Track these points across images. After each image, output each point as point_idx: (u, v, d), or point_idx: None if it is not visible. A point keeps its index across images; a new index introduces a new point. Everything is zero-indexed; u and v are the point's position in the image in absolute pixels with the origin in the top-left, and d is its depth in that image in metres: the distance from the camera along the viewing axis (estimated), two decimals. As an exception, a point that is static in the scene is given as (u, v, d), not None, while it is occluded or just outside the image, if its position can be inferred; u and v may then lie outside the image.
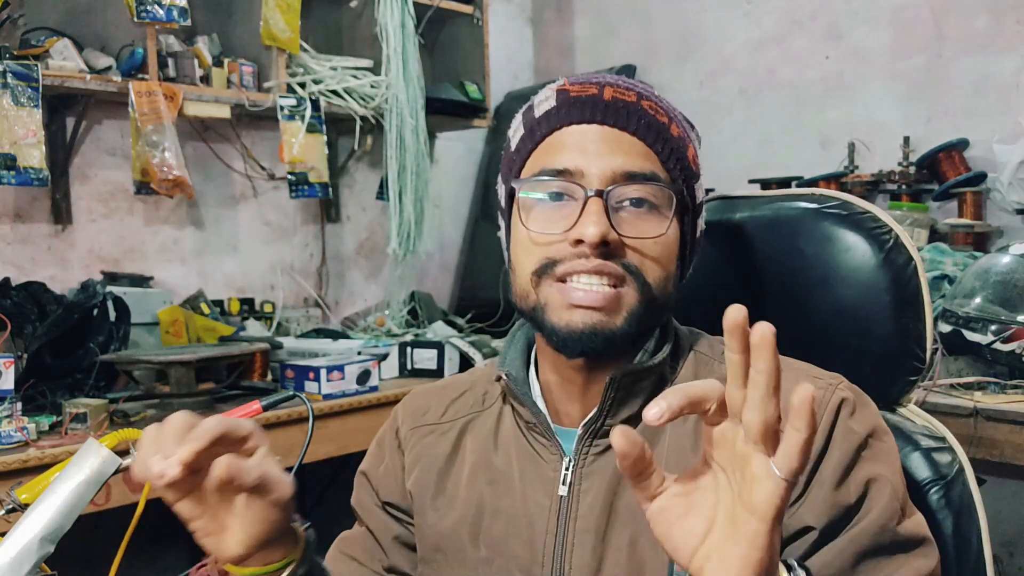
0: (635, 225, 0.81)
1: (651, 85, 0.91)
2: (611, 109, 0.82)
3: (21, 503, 0.87)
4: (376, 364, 2.35)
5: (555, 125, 0.83)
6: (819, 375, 0.84)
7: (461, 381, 1.00)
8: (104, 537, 2.43)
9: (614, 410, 0.84)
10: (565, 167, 0.81)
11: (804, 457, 0.58)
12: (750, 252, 1.04)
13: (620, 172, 0.80)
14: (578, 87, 0.84)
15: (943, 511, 0.91)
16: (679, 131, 0.85)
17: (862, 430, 0.80)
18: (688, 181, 0.85)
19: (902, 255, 0.97)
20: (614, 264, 0.80)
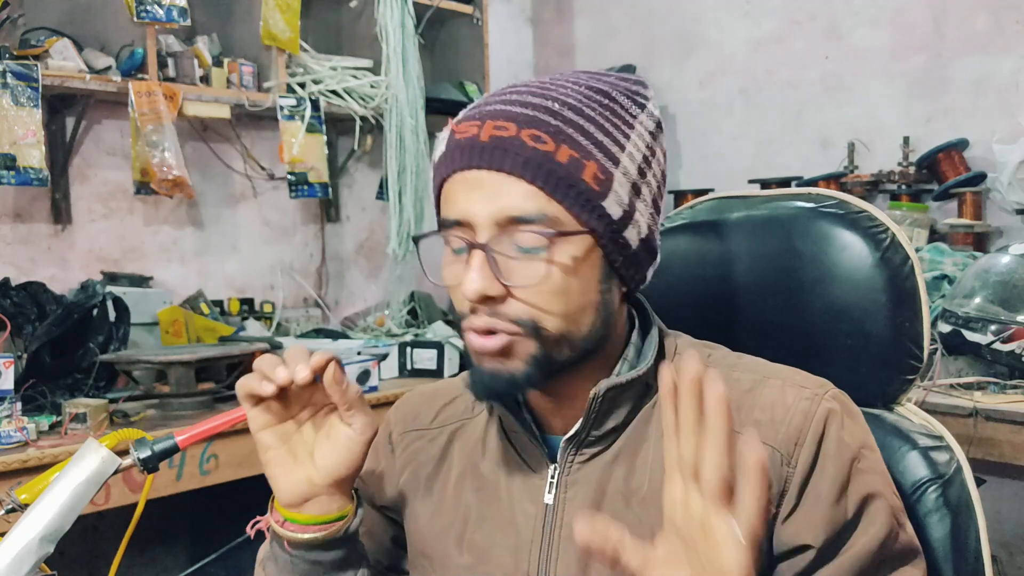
0: (520, 273, 0.77)
1: (624, 76, 0.86)
2: (487, 151, 0.77)
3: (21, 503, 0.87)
4: (376, 364, 2.35)
5: (444, 173, 0.81)
6: (805, 383, 0.83)
7: (452, 386, 0.99)
8: (104, 537, 2.44)
9: (599, 421, 0.83)
10: (456, 217, 0.79)
11: (764, 521, 0.60)
12: (746, 252, 1.03)
13: (503, 217, 0.77)
14: (464, 125, 0.80)
15: (941, 510, 0.91)
16: (570, 153, 0.77)
17: (854, 443, 0.80)
18: (590, 203, 0.77)
19: (899, 254, 0.97)
20: (503, 322, 0.78)
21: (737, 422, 0.78)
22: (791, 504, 0.78)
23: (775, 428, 0.79)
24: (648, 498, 0.81)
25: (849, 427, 0.81)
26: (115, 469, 0.86)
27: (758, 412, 0.81)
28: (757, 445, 0.59)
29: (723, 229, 1.05)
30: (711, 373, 0.62)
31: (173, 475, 1.89)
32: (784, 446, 0.78)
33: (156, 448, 0.87)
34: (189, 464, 1.91)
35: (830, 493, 0.77)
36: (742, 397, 0.82)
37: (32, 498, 0.85)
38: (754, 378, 0.84)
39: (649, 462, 0.83)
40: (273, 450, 0.84)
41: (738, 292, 1.03)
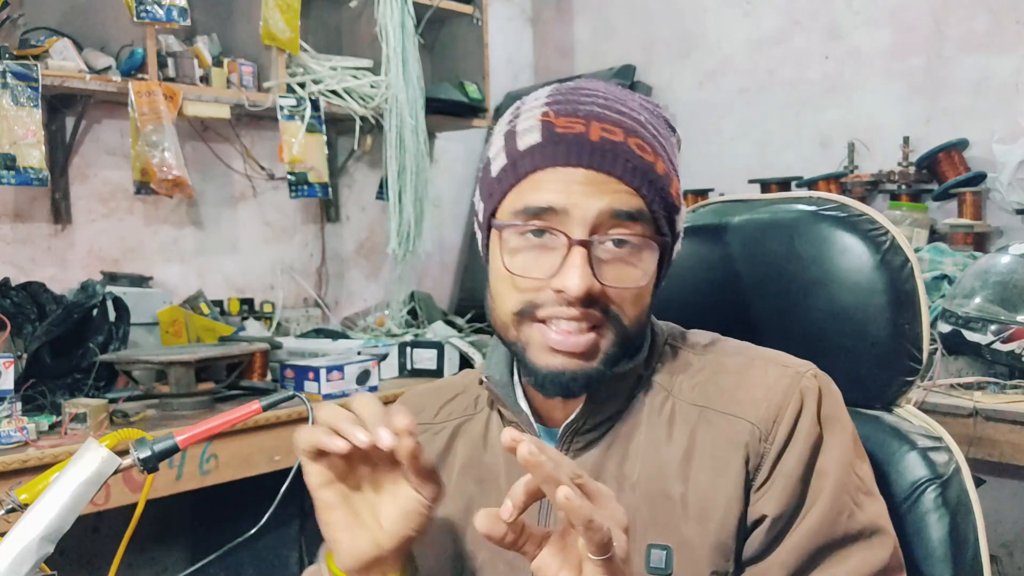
0: (617, 273, 0.80)
1: (654, 102, 0.89)
2: (597, 152, 0.79)
3: (21, 503, 0.87)
4: (376, 364, 2.35)
5: (539, 164, 0.81)
6: (788, 363, 0.86)
7: (455, 384, 1.02)
8: (104, 537, 2.44)
9: (596, 411, 0.86)
10: (549, 205, 0.79)
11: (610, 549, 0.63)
12: (747, 255, 1.05)
13: (606, 211, 0.79)
14: (564, 121, 0.81)
15: (939, 510, 0.92)
16: (665, 168, 0.83)
17: (824, 420, 0.83)
18: (671, 216, 0.84)
19: (899, 256, 0.98)
20: (594, 311, 0.80)
21: (721, 402, 0.85)
22: (763, 478, 0.82)
23: (756, 406, 0.83)
24: (639, 483, 0.84)
25: (825, 405, 0.84)
26: (115, 469, 0.86)
27: (742, 392, 0.85)
28: (563, 490, 0.62)
29: (725, 232, 1.06)
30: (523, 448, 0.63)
31: (173, 475, 1.89)
32: (763, 423, 0.82)
33: (156, 448, 0.87)
34: (189, 464, 1.91)
35: (795, 468, 0.81)
36: (728, 378, 0.86)
37: (32, 498, 0.85)
38: (740, 361, 0.88)
39: (641, 448, 0.86)
40: (336, 511, 0.76)
41: (739, 294, 1.04)
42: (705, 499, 0.82)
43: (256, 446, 2.03)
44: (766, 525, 0.80)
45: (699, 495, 0.82)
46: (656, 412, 0.87)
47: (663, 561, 0.81)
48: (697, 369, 0.88)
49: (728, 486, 0.81)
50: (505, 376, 0.91)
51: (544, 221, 0.80)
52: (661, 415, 0.86)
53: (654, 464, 0.84)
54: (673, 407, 0.86)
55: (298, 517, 2.52)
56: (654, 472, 0.84)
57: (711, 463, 0.82)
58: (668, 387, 0.88)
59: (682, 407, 0.86)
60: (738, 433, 0.82)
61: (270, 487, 2.13)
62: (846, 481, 0.82)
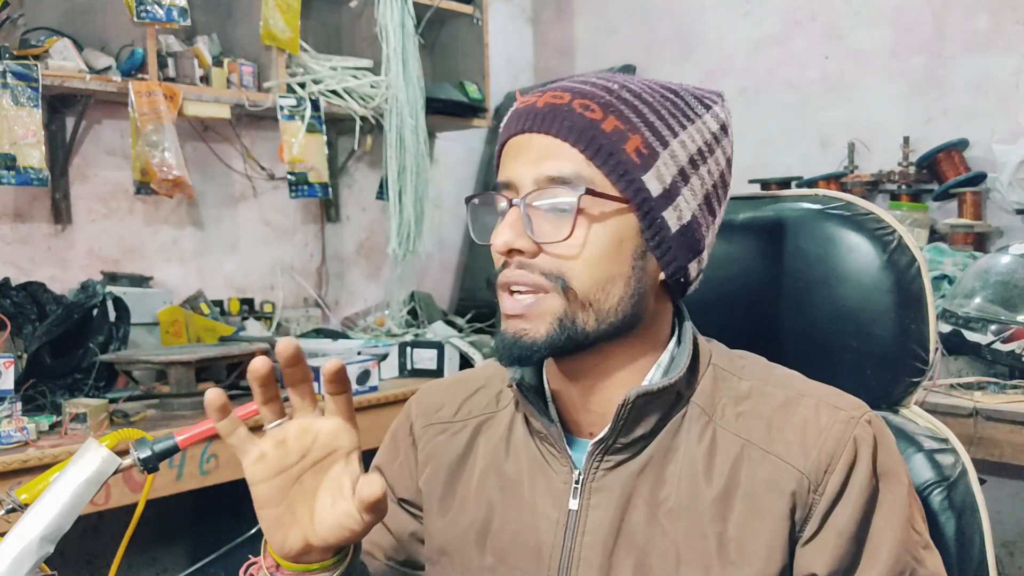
0: (549, 230, 0.80)
1: (695, 87, 0.88)
2: (539, 115, 0.81)
3: (21, 503, 0.86)
4: (376, 364, 2.35)
5: (503, 139, 0.85)
6: (840, 404, 0.82)
7: (476, 377, 0.99)
8: (104, 537, 2.44)
9: (627, 429, 0.83)
10: (505, 179, 0.83)
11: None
12: (753, 253, 1.04)
13: (542, 177, 0.80)
14: (528, 97, 0.85)
15: (946, 512, 0.91)
16: (616, 124, 0.80)
17: (880, 473, 0.79)
18: (629, 175, 0.79)
19: (905, 256, 0.97)
20: (531, 273, 0.80)
21: (767, 439, 0.80)
22: (812, 531, 0.78)
23: (806, 452, 0.79)
24: (675, 510, 0.81)
25: (881, 455, 0.80)
26: (115, 469, 0.86)
27: (789, 432, 0.80)
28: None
29: (730, 231, 1.05)
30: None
31: (173, 475, 1.89)
32: (814, 473, 0.78)
33: (156, 448, 0.87)
34: (189, 464, 1.91)
35: (848, 525, 0.77)
36: (774, 413, 0.82)
37: (32, 498, 0.85)
38: (788, 394, 0.83)
39: (678, 474, 0.82)
40: (268, 509, 0.75)
41: (744, 293, 1.03)
42: (744, 542, 0.78)
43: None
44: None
45: (738, 537, 0.79)
46: (696, 439, 0.83)
47: None
48: (742, 395, 0.84)
49: (770, 534, 0.78)
50: (535, 380, 0.89)
51: (501, 194, 0.83)
52: (701, 443, 0.82)
53: (691, 495, 0.81)
54: (714, 435, 0.82)
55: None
56: (691, 504, 0.81)
57: (752, 504, 0.79)
58: (710, 412, 0.83)
59: (724, 436, 0.82)
60: (785, 479, 0.78)
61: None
62: (905, 539, 0.78)
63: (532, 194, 0.80)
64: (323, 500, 0.76)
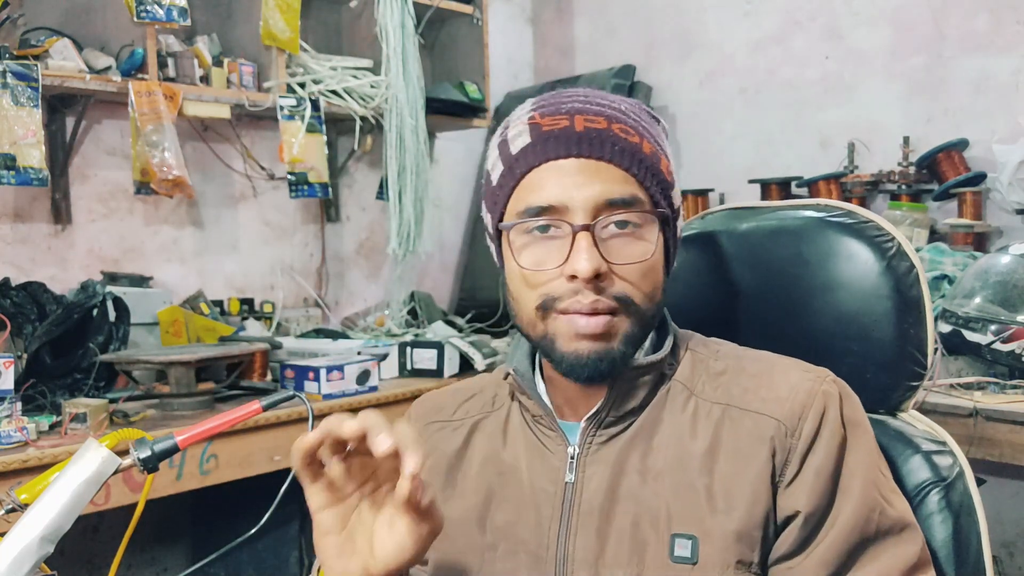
0: (622, 251, 0.84)
1: (634, 100, 0.94)
2: (585, 140, 0.84)
3: (21, 503, 0.87)
4: (376, 364, 2.35)
5: (532, 163, 0.86)
6: (808, 368, 0.89)
7: (471, 385, 1.05)
8: (104, 537, 2.44)
9: (619, 403, 0.89)
10: (549, 203, 0.84)
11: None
12: (755, 260, 1.06)
13: (602, 201, 0.83)
14: (549, 120, 0.86)
15: (943, 513, 0.92)
16: (651, 147, 0.87)
17: (847, 422, 0.86)
18: (666, 192, 0.88)
19: (904, 262, 0.99)
20: (606, 299, 0.83)
21: (744, 400, 0.88)
22: (793, 472, 0.84)
23: (780, 403, 0.85)
24: (663, 474, 0.86)
25: (847, 407, 0.87)
26: (115, 469, 0.86)
27: (764, 391, 0.87)
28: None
29: (733, 239, 1.08)
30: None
31: (173, 475, 1.89)
32: (789, 419, 0.84)
33: (156, 448, 0.88)
34: (189, 464, 1.91)
35: (825, 465, 0.83)
36: (749, 380, 0.89)
37: (32, 498, 0.85)
38: (760, 365, 0.90)
39: (664, 441, 0.88)
40: (331, 536, 0.78)
41: (747, 300, 1.05)
42: (730, 490, 0.84)
43: (256, 446, 2.03)
44: (799, 521, 0.82)
45: (724, 486, 0.84)
46: (679, 409, 0.89)
47: (688, 550, 0.83)
48: (718, 371, 0.91)
49: (753, 478, 0.83)
50: (528, 370, 0.94)
51: (549, 217, 0.85)
52: (684, 412, 0.89)
53: (678, 456, 0.87)
54: (696, 405, 0.89)
55: (298, 517, 2.52)
56: (678, 464, 0.86)
57: (736, 456, 0.85)
58: (690, 386, 0.90)
59: (704, 405, 0.88)
60: (763, 428, 0.85)
61: (270, 487, 2.13)
62: (874, 479, 0.84)
63: (603, 218, 0.83)
64: (381, 527, 0.78)
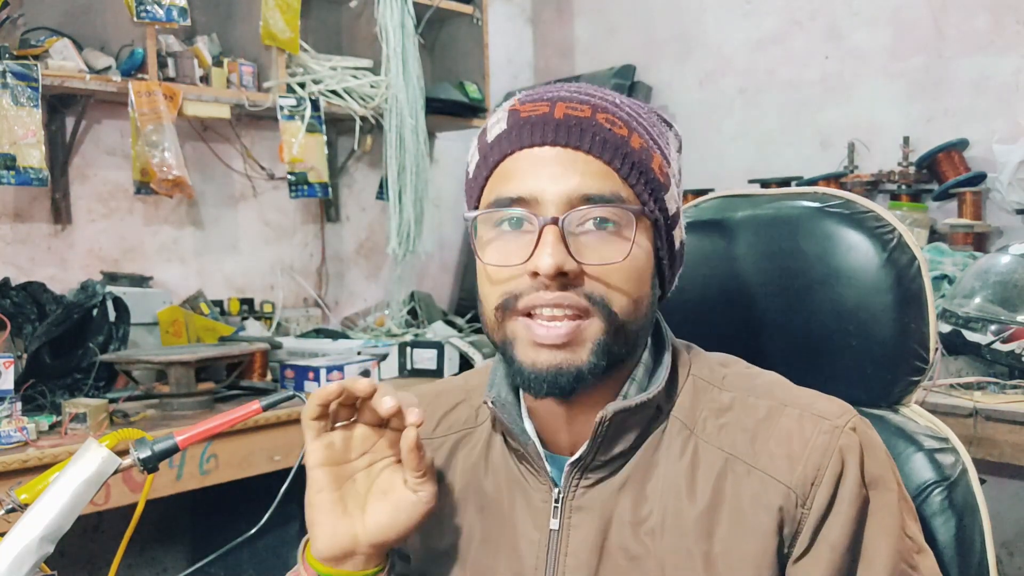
0: (596, 251, 0.75)
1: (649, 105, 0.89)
2: (563, 128, 0.76)
3: (21, 503, 0.86)
4: (376, 364, 2.35)
5: (506, 150, 0.78)
6: (824, 413, 0.79)
7: (456, 389, 0.96)
8: (104, 537, 2.44)
9: (605, 446, 0.80)
10: (519, 195, 0.76)
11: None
12: (751, 251, 1.03)
13: (577, 195, 0.75)
14: (529, 105, 0.79)
15: (946, 512, 0.90)
16: (641, 142, 0.78)
17: (869, 481, 0.77)
18: (656, 193, 0.78)
19: (905, 254, 0.96)
20: (575, 295, 0.75)
21: (751, 453, 0.77)
22: (803, 546, 0.76)
23: (791, 465, 0.76)
24: (657, 529, 0.79)
25: (868, 463, 0.77)
26: (115, 469, 0.86)
27: (774, 445, 0.78)
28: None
29: (728, 228, 1.04)
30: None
31: (173, 475, 1.89)
32: (800, 487, 0.76)
33: (156, 448, 0.87)
34: (189, 464, 1.91)
35: (841, 538, 0.75)
36: (758, 425, 0.79)
37: (32, 498, 0.85)
38: (770, 405, 0.80)
39: (659, 490, 0.79)
40: (325, 493, 0.78)
41: (743, 291, 1.02)
42: (732, 561, 0.76)
43: (256, 446, 2.03)
44: None
45: (725, 555, 0.76)
46: (677, 454, 0.80)
47: None
48: (723, 407, 0.81)
49: (757, 551, 0.76)
50: (510, 396, 0.86)
51: (518, 209, 0.77)
52: (683, 458, 0.80)
53: (675, 513, 0.78)
54: (696, 449, 0.80)
55: (298, 517, 2.51)
56: (674, 522, 0.78)
57: (739, 522, 0.77)
58: (690, 424, 0.81)
59: (706, 450, 0.79)
60: (771, 495, 0.76)
61: (270, 487, 2.13)
62: (899, 547, 0.76)
63: (576, 213, 0.75)
64: (376, 497, 0.79)
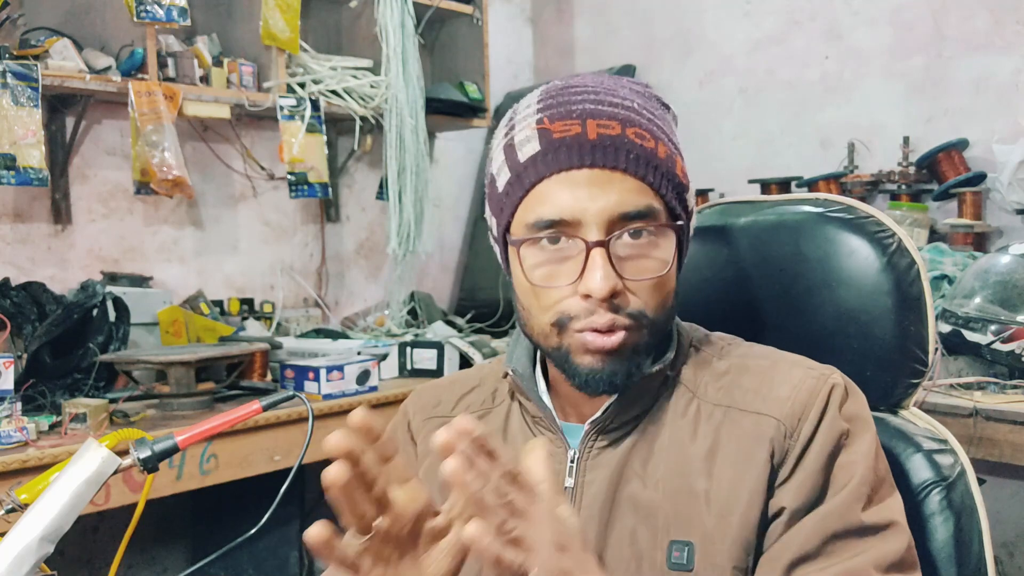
0: (638, 267, 0.82)
1: (644, 83, 0.90)
2: (599, 149, 0.80)
3: (21, 503, 0.87)
4: (376, 364, 2.35)
5: (543, 173, 0.82)
6: (812, 366, 0.87)
7: (470, 376, 1.01)
8: (104, 537, 2.44)
9: (624, 409, 0.87)
10: (560, 217, 0.80)
11: None
12: (753, 256, 1.05)
13: (616, 214, 0.80)
14: (560, 125, 0.81)
15: (944, 512, 0.91)
16: (666, 149, 0.83)
17: (849, 417, 0.84)
18: (681, 197, 0.85)
19: (905, 258, 0.98)
20: (622, 318, 0.81)
21: (746, 401, 0.86)
22: (786, 474, 0.82)
23: (781, 403, 0.84)
24: (662, 480, 0.84)
25: (850, 403, 0.85)
26: (115, 469, 0.86)
27: (766, 389, 0.85)
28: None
29: (730, 234, 1.06)
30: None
31: (173, 475, 1.89)
32: (789, 419, 0.83)
33: (156, 448, 0.88)
34: (189, 464, 1.91)
35: (815, 461, 0.81)
36: (752, 380, 0.87)
37: (32, 498, 0.85)
38: (764, 364, 0.88)
39: (665, 447, 0.86)
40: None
41: (745, 296, 1.04)
42: (728, 494, 0.82)
43: (256, 446, 2.03)
44: (784, 517, 0.81)
45: (722, 490, 0.82)
46: (680, 413, 0.87)
47: (684, 557, 0.82)
48: (722, 371, 0.89)
49: (751, 481, 0.82)
50: (528, 370, 0.92)
51: (560, 231, 0.81)
52: (686, 416, 0.87)
53: (678, 461, 0.85)
54: (698, 408, 0.87)
55: (298, 517, 2.52)
56: (678, 468, 0.84)
57: (735, 458, 0.83)
58: (693, 388, 0.88)
59: (707, 408, 0.87)
60: (763, 429, 0.83)
61: (270, 487, 2.13)
62: (867, 474, 0.82)
63: (619, 233, 0.80)
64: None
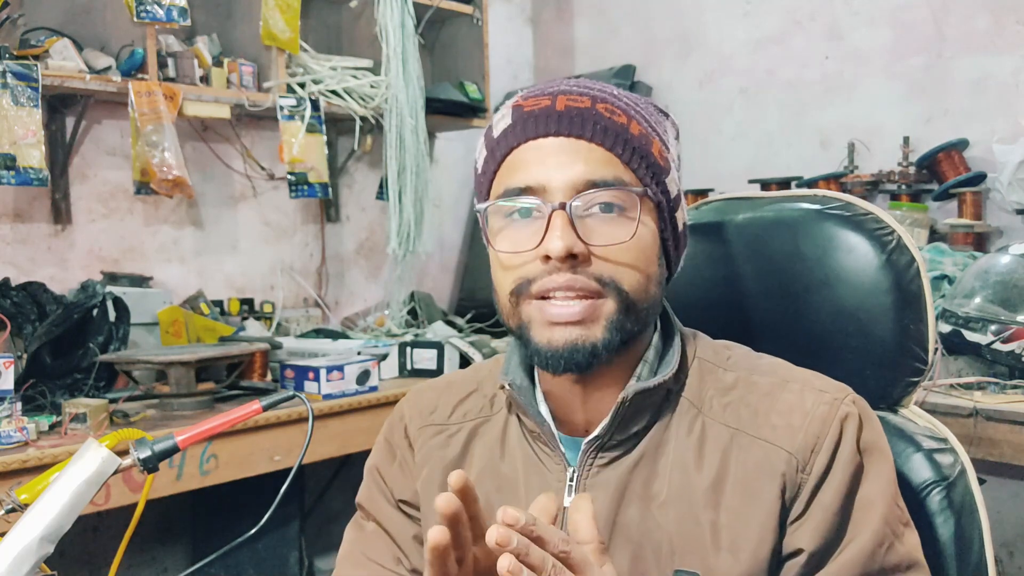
0: (603, 233, 0.80)
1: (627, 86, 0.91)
2: (565, 118, 0.81)
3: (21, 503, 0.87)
4: (376, 364, 2.35)
5: (512, 143, 0.83)
6: (824, 387, 0.84)
7: (467, 379, 0.99)
8: (104, 537, 2.44)
9: (623, 426, 0.84)
10: (527, 184, 0.81)
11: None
12: (752, 253, 1.04)
13: (582, 181, 0.80)
14: (532, 100, 0.83)
15: (944, 512, 0.91)
16: (640, 128, 0.83)
17: (864, 448, 0.81)
18: (657, 177, 0.83)
19: (904, 256, 0.97)
20: (585, 277, 0.79)
21: (754, 426, 0.81)
22: (800, 510, 0.80)
23: (793, 434, 0.81)
24: (667, 503, 0.82)
25: (865, 432, 0.82)
26: (115, 469, 0.86)
27: (775, 417, 0.82)
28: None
29: (728, 230, 1.05)
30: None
31: (173, 475, 1.89)
32: (801, 452, 0.80)
33: (156, 448, 0.87)
34: (189, 464, 1.91)
35: (833, 501, 0.79)
36: (760, 400, 0.84)
37: (32, 498, 0.85)
38: (773, 382, 0.85)
39: (670, 466, 0.83)
40: None
41: (743, 293, 1.03)
42: (737, 528, 0.80)
43: (256, 446, 2.03)
44: (802, 559, 0.78)
45: (731, 524, 0.80)
46: (686, 431, 0.84)
47: None
48: (728, 386, 0.86)
49: (762, 516, 0.79)
50: (525, 381, 0.89)
51: (525, 198, 0.81)
52: (691, 435, 0.84)
53: (683, 486, 0.82)
54: (703, 427, 0.84)
55: (298, 517, 2.52)
56: (683, 494, 0.82)
57: (744, 490, 0.80)
58: (698, 404, 0.85)
59: (713, 427, 0.84)
60: (774, 462, 0.80)
61: (270, 487, 2.14)
62: (887, 513, 0.80)
63: (582, 197, 0.79)
64: None
